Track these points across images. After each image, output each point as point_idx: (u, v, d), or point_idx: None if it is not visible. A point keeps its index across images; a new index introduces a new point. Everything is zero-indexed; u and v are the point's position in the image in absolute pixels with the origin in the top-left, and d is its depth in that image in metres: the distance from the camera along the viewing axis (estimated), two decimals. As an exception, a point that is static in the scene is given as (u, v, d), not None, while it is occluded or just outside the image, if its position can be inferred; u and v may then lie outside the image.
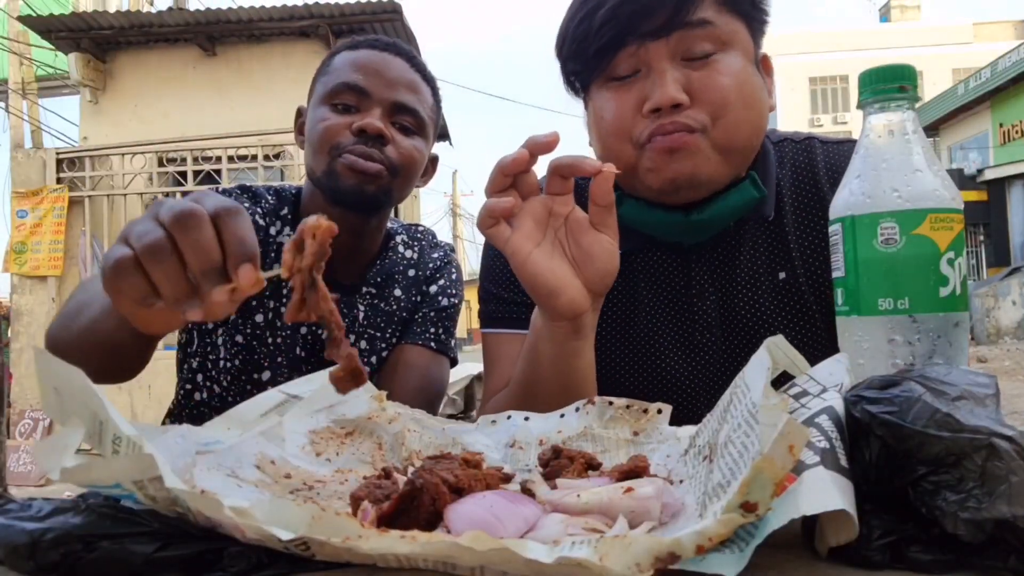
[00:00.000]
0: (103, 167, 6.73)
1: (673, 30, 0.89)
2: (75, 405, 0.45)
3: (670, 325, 1.01)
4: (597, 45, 0.91)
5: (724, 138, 0.90)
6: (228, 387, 1.21)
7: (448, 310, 1.30)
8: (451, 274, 1.33)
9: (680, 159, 0.90)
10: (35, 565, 0.43)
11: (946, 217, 0.58)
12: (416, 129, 1.19)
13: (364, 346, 1.24)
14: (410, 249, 1.33)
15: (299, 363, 1.21)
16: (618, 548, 0.36)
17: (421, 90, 1.21)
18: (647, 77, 0.91)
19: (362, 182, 1.13)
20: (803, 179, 1.02)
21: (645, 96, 0.90)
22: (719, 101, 0.89)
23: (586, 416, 0.72)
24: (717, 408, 0.55)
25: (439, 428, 0.74)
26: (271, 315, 1.21)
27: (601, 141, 0.97)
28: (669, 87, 0.88)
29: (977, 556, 0.41)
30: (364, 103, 1.15)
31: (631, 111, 0.92)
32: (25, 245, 6.64)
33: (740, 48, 0.92)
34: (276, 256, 1.21)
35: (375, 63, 1.17)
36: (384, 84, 1.16)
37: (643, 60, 0.91)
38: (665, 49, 0.90)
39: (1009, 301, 13.19)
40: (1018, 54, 16.94)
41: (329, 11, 7.27)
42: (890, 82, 0.61)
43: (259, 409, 0.70)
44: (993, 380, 0.48)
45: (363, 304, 1.26)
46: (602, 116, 0.95)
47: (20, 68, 7.35)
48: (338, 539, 0.38)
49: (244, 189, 1.26)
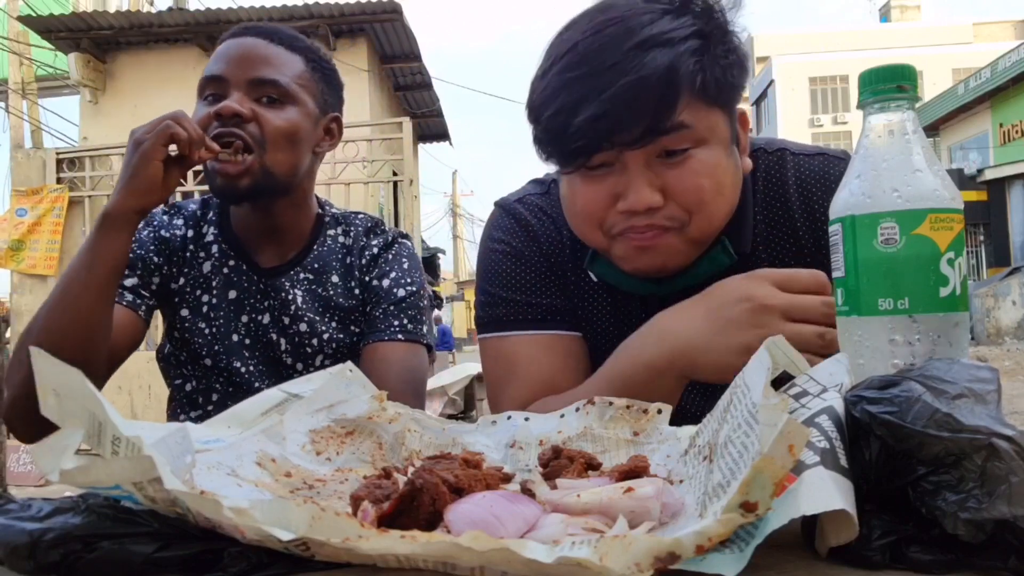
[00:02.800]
0: (103, 167, 6.72)
1: (650, 140, 0.85)
2: (74, 406, 0.45)
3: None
4: (571, 148, 0.87)
5: (699, 231, 0.90)
6: (193, 375, 1.31)
7: (408, 299, 1.30)
8: (402, 264, 1.33)
9: (652, 255, 0.90)
10: (35, 565, 0.43)
11: (946, 217, 0.58)
12: (281, 98, 1.22)
13: (304, 329, 1.28)
14: (346, 236, 1.35)
15: (240, 349, 1.28)
16: (618, 548, 0.36)
17: (282, 60, 1.23)
18: (621, 173, 0.88)
19: (230, 180, 1.18)
20: (773, 197, 1.00)
21: (618, 192, 0.88)
22: (695, 200, 0.88)
23: (586, 416, 0.72)
24: (717, 408, 0.55)
25: (439, 428, 0.74)
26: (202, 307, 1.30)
27: (572, 220, 0.96)
28: (644, 192, 0.86)
29: (977, 556, 0.41)
30: (225, 89, 1.20)
31: (603, 204, 0.89)
32: (22, 243, 6.64)
33: (717, 139, 0.89)
34: (206, 254, 1.31)
35: (231, 50, 1.22)
36: (238, 66, 1.20)
37: (617, 157, 0.87)
38: (641, 155, 0.86)
39: (1009, 301, 13.20)
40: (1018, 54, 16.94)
41: (329, 11, 7.28)
42: (890, 82, 0.61)
43: (260, 408, 0.70)
44: (995, 374, 0.48)
45: (300, 289, 1.29)
46: (575, 203, 0.93)
47: (20, 68, 7.35)
48: (338, 539, 0.38)
49: (169, 207, 1.36)
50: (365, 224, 1.37)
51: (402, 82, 9.51)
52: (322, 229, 1.34)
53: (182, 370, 1.31)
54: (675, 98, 0.84)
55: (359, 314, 1.31)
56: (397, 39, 8.20)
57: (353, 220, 1.37)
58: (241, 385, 1.26)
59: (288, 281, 1.29)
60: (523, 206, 1.09)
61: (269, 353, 1.29)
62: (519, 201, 1.10)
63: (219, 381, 1.29)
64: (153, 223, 1.32)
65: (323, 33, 7.48)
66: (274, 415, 0.69)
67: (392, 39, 8.19)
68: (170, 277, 1.30)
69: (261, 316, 1.29)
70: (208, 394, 1.30)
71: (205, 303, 1.29)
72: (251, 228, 1.30)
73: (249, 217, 1.28)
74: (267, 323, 1.28)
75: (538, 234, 1.06)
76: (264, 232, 1.29)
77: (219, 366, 1.28)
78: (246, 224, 1.30)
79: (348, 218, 1.38)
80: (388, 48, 8.41)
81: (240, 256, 1.30)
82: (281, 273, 1.30)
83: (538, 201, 1.09)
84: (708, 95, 0.86)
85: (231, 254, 1.30)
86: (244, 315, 1.29)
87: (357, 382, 0.75)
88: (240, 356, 1.28)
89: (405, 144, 6.35)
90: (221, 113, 1.16)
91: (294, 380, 0.77)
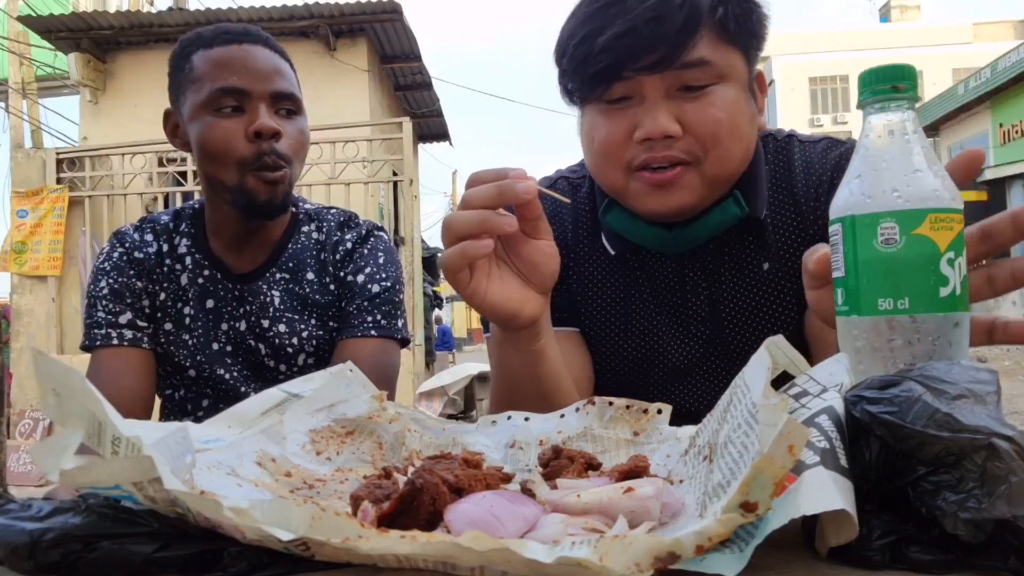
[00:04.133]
0: (103, 167, 6.72)
1: (669, 67, 0.89)
2: (74, 406, 0.45)
3: (665, 318, 1.05)
4: (594, 70, 0.91)
5: (714, 170, 0.92)
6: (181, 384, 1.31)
7: (382, 295, 1.29)
8: (377, 258, 1.32)
9: (667, 193, 0.92)
10: (35, 565, 0.43)
11: (946, 217, 0.58)
12: (296, 110, 1.23)
13: (284, 329, 1.28)
14: (319, 232, 1.34)
15: (222, 357, 1.28)
16: (618, 548, 0.36)
17: (286, 70, 1.24)
18: (640, 104, 0.91)
19: (273, 194, 1.19)
20: (780, 177, 1.04)
21: (637, 123, 0.91)
22: (711, 135, 0.90)
23: (586, 416, 0.72)
24: (717, 408, 0.55)
25: (439, 428, 0.74)
26: (184, 319, 1.29)
27: (591, 159, 0.99)
28: (661, 119, 0.89)
29: (977, 556, 0.41)
30: (246, 103, 1.18)
31: (622, 137, 0.92)
32: (25, 245, 6.63)
33: (735, 79, 0.93)
34: (181, 266, 1.30)
35: (242, 59, 1.19)
36: (257, 78, 1.19)
37: (637, 88, 0.91)
38: (660, 83, 0.90)
39: (1009, 301, 13.19)
40: (1018, 54, 16.93)
41: (329, 11, 7.28)
42: (890, 82, 0.61)
43: (260, 407, 0.70)
44: (995, 376, 0.48)
45: (278, 289, 1.29)
46: (593, 137, 0.96)
47: (20, 68, 7.34)
48: (338, 539, 0.38)
49: (139, 220, 1.36)
50: (338, 219, 1.36)
51: (402, 82, 9.51)
52: (296, 227, 1.33)
53: (170, 380, 1.31)
54: (697, 22, 0.88)
55: (336, 310, 1.30)
56: (397, 39, 8.20)
57: (326, 216, 1.36)
58: (228, 392, 1.26)
59: (265, 283, 1.29)
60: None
61: (251, 358, 1.28)
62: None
63: (207, 389, 1.29)
64: (125, 244, 1.31)
65: (323, 33, 7.48)
66: (274, 415, 0.69)
67: (392, 39, 8.19)
68: (153, 295, 1.29)
69: (238, 323, 1.28)
70: (198, 401, 1.30)
71: (187, 315, 1.29)
72: (232, 235, 1.28)
73: (235, 224, 1.27)
74: (244, 330, 1.28)
75: (550, 217, 1.08)
76: (244, 238, 1.28)
77: (203, 375, 1.28)
78: (227, 231, 1.28)
79: (321, 214, 1.37)
80: (388, 48, 8.41)
81: (214, 265, 1.29)
82: (256, 277, 1.29)
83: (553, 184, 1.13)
84: (728, 31, 0.90)
85: (204, 264, 1.29)
86: (223, 323, 1.28)
87: (357, 382, 0.75)
88: (223, 364, 1.28)
89: (405, 144, 6.35)
90: (262, 132, 1.16)
91: (294, 380, 0.77)
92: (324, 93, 6.99)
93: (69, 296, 6.73)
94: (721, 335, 1.04)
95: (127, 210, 6.47)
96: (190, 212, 1.34)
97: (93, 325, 1.26)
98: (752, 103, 0.96)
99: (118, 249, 1.30)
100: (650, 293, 1.05)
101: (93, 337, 1.25)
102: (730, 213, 0.97)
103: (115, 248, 1.31)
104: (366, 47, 7.82)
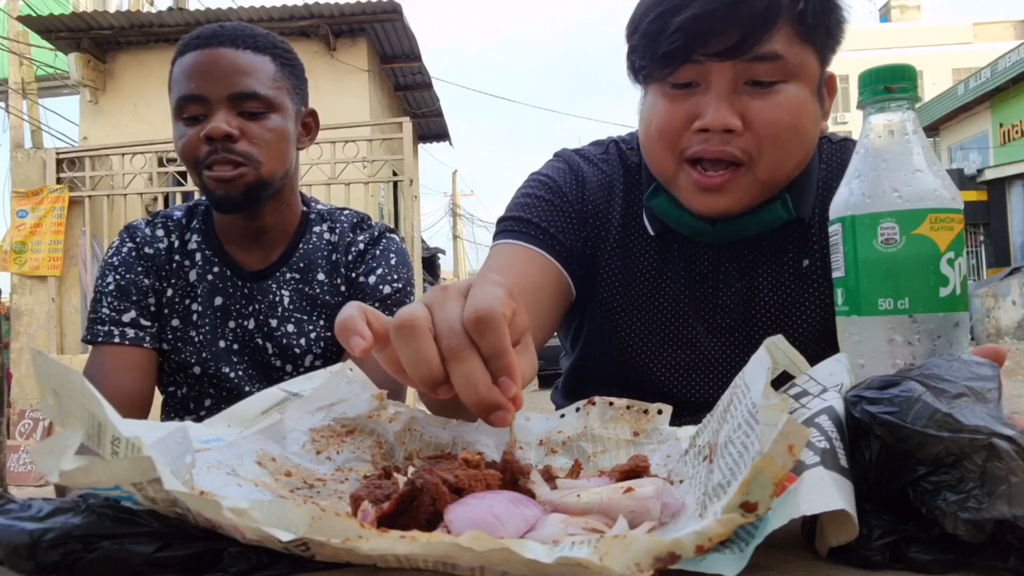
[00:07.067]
0: (103, 167, 6.72)
1: (741, 56, 0.86)
2: (74, 407, 0.45)
3: (695, 307, 1.03)
4: (665, 50, 0.88)
5: (767, 173, 0.90)
6: (184, 382, 1.31)
7: (394, 296, 1.29)
8: (389, 260, 1.32)
9: (715, 197, 0.91)
10: (35, 565, 0.43)
11: (946, 217, 0.58)
12: (264, 108, 1.21)
13: (292, 329, 1.28)
14: (331, 232, 1.34)
15: (228, 355, 1.28)
16: (618, 548, 0.36)
17: (255, 67, 1.21)
18: (705, 93, 0.89)
19: (230, 189, 1.19)
20: (832, 179, 1.02)
21: (699, 112, 0.89)
22: (772, 136, 0.88)
23: (586, 416, 0.72)
24: (717, 408, 0.55)
25: (439, 428, 0.74)
26: (191, 315, 1.29)
27: (645, 140, 0.97)
28: (724, 111, 0.87)
29: (977, 556, 0.41)
30: (207, 109, 1.19)
31: (681, 123, 0.90)
32: (25, 245, 6.64)
33: (805, 78, 0.90)
34: (191, 262, 1.31)
35: (202, 64, 1.20)
36: (215, 83, 1.18)
37: (704, 75, 0.89)
38: (730, 71, 0.87)
39: (1009, 301, 13.18)
40: (1018, 54, 16.93)
41: (329, 11, 7.28)
42: (890, 82, 0.61)
43: (260, 407, 0.70)
44: (996, 371, 0.48)
45: (287, 289, 1.29)
46: (651, 119, 0.94)
47: (20, 68, 7.34)
48: (338, 540, 0.38)
49: (152, 215, 1.36)
50: (351, 220, 1.36)
51: (402, 82, 9.51)
52: (307, 226, 1.33)
53: (174, 377, 1.31)
54: (776, 11, 0.86)
55: None
56: (397, 39, 8.20)
57: (339, 216, 1.36)
58: (232, 391, 1.26)
59: (275, 282, 1.29)
60: (579, 155, 1.11)
61: (257, 357, 1.28)
62: (577, 151, 1.12)
63: (211, 387, 1.29)
64: (136, 239, 1.31)
65: (323, 33, 7.49)
66: (274, 414, 0.69)
67: (392, 39, 8.19)
68: (161, 291, 1.30)
69: (246, 321, 1.28)
70: (200, 400, 1.30)
71: (195, 311, 1.29)
72: (236, 232, 1.29)
73: (235, 222, 1.27)
74: (252, 328, 1.28)
75: (586, 179, 1.07)
76: (250, 235, 1.29)
77: (208, 373, 1.27)
78: (232, 229, 1.29)
79: (334, 214, 1.36)
80: (388, 48, 8.41)
81: (224, 262, 1.30)
82: (267, 275, 1.29)
83: (595, 153, 1.11)
84: (805, 27, 0.88)
85: (214, 260, 1.30)
86: (231, 321, 1.28)
87: (357, 381, 0.75)
88: (229, 362, 1.28)
89: (405, 144, 6.35)
90: (211, 136, 1.16)
91: (294, 379, 0.77)
92: (324, 93, 6.99)
93: (69, 296, 6.73)
94: (750, 328, 1.02)
95: (127, 210, 6.47)
96: (203, 208, 1.35)
97: (97, 320, 1.27)
98: (818, 106, 0.94)
99: (128, 244, 1.31)
100: (684, 279, 1.03)
101: (96, 332, 1.26)
102: (776, 215, 0.96)
103: (125, 243, 1.31)
104: (366, 47, 7.82)
